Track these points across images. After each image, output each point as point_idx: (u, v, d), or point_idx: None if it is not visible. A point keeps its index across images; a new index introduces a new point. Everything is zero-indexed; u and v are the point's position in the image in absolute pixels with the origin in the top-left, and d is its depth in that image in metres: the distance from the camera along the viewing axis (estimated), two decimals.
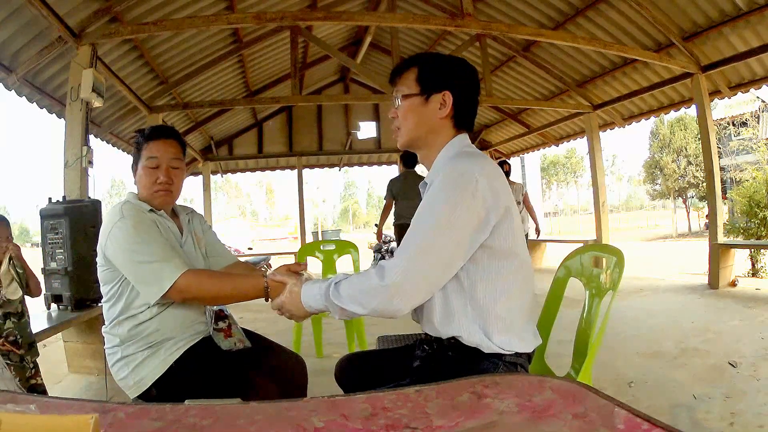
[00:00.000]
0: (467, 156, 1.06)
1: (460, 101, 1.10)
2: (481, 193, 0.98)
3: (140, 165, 1.37)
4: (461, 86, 1.11)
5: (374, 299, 0.97)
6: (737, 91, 5.23)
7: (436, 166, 1.12)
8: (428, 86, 1.10)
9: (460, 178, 0.99)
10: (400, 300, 0.97)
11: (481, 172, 1.00)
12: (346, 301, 1.00)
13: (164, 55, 5.14)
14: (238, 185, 53.33)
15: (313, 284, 1.09)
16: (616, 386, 2.37)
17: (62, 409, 0.69)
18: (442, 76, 1.10)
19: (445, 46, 7.11)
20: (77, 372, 2.98)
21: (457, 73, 1.12)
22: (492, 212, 0.99)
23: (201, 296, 1.26)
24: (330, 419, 0.60)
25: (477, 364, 1.03)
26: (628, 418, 0.55)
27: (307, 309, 1.09)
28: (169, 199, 1.41)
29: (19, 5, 3.13)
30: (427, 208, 1.01)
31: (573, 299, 1.71)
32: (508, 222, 1.01)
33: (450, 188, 0.99)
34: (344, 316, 1.03)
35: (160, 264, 1.20)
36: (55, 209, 2.81)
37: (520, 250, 1.06)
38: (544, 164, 36.70)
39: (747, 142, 15.86)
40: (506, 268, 1.03)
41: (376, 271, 0.99)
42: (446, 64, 1.13)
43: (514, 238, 1.03)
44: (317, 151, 9.90)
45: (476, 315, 1.03)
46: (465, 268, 1.02)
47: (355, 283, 1.01)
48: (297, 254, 3.69)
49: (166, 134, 1.41)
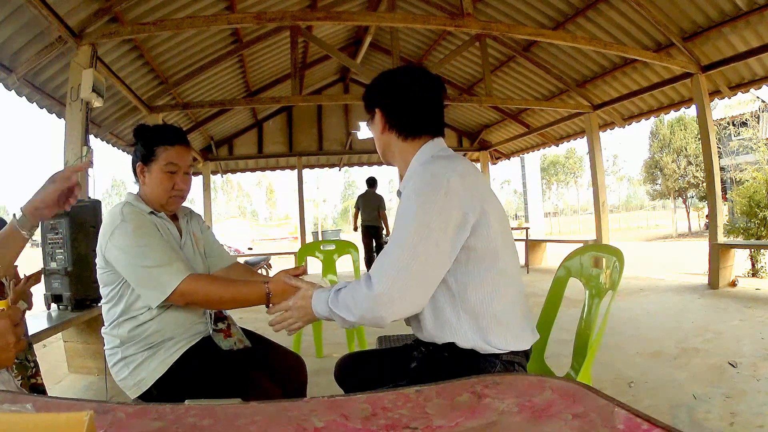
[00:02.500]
0: (439, 159, 1.06)
1: (391, 114, 1.13)
2: (455, 192, 0.97)
3: (155, 167, 1.34)
4: (388, 100, 1.13)
5: (361, 307, 0.97)
6: (737, 91, 5.23)
7: (408, 173, 1.12)
8: (369, 108, 1.18)
9: (432, 180, 0.99)
10: (386, 309, 0.95)
11: (453, 171, 0.99)
12: (341, 308, 1.00)
13: (164, 55, 5.15)
14: (240, 185, 53.39)
15: (323, 291, 1.09)
16: (616, 386, 2.37)
17: (60, 409, 0.69)
18: (371, 96, 1.17)
19: (445, 46, 7.12)
20: (77, 372, 2.98)
21: (384, 88, 1.15)
22: (470, 211, 0.98)
23: (202, 301, 1.26)
24: (330, 419, 0.60)
25: (474, 364, 1.03)
26: (628, 418, 0.55)
27: (316, 315, 1.09)
28: (181, 203, 1.42)
29: (19, 5, 3.13)
30: (403, 215, 1.00)
31: (573, 299, 1.71)
32: (489, 220, 1.00)
33: (422, 191, 0.98)
34: (346, 325, 1.03)
35: (162, 269, 1.20)
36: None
37: (506, 247, 1.05)
38: (544, 164, 36.69)
39: (747, 142, 15.85)
40: (493, 267, 1.02)
41: (364, 280, 0.99)
42: (376, 83, 1.17)
43: (497, 235, 1.01)
44: (317, 151, 9.91)
45: (469, 319, 1.02)
46: (452, 272, 1.01)
47: (349, 292, 1.00)
48: (297, 254, 3.69)
49: (184, 140, 1.39)
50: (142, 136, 1.37)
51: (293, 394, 1.35)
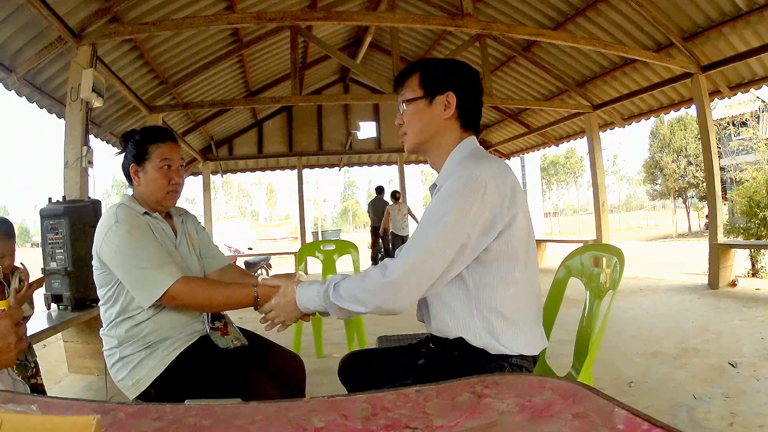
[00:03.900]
0: (477, 159, 1.06)
1: (464, 101, 1.11)
2: (490, 197, 0.98)
3: (149, 165, 1.37)
4: (464, 87, 1.11)
5: (377, 296, 0.98)
6: (737, 91, 5.23)
7: (445, 169, 1.12)
8: (431, 89, 1.10)
9: (469, 181, 0.99)
10: (403, 296, 0.98)
11: (491, 175, 0.99)
12: (346, 301, 1.01)
13: (164, 55, 5.14)
14: (240, 185, 53.40)
15: (310, 285, 1.10)
16: (616, 386, 2.37)
17: (63, 409, 0.69)
18: (444, 78, 1.11)
19: (445, 46, 7.12)
20: (77, 372, 2.98)
21: (459, 75, 1.12)
22: (498, 216, 0.99)
23: (192, 304, 1.28)
24: (330, 419, 0.60)
25: (482, 365, 1.03)
26: (628, 418, 0.55)
27: (302, 310, 1.10)
28: (177, 198, 1.44)
29: (19, 5, 3.13)
30: (436, 210, 1.01)
31: (573, 299, 1.71)
32: (515, 226, 1.01)
33: (459, 191, 0.99)
34: (343, 316, 1.04)
35: (154, 271, 1.21)
36: (55, 209, 2.81)
37: (528, 253, 1.05)
38: (544, 164, 36.67)
39: (747, 142, 15.85)
40: (512, 270, 1.02)
41: (378, 268, 1.00)
42: (448, 66, 1.13)
43: (520, 241, 1.03)
44: (317, 151, 9.91)
45: (482, 316, 1.03)
46: (470, 269, 1.02)
47: (357, 282, 1.01)
48: (297, 254, 3.69)
49: (173, 137, 1.43)
50: (132, 139, 1.40)
51: (292, 394, 1.36)
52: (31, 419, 0.45)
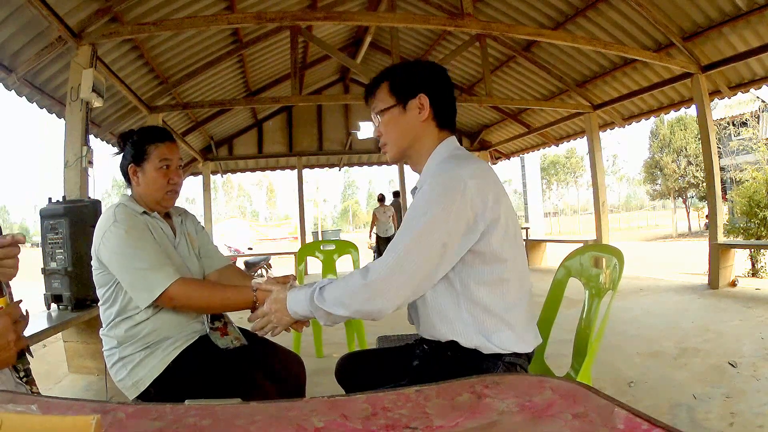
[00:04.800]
0: (457, 159, 1.06)
1: (437, 100, 1.11)
2: (470, 196, 0.96)
3: (148, 165, 1.36)
4: (434, 86, 1.11)
5: (357, 299, 0.96)
6: (737, 91, 5.23)
7: (426, 170, 1.11)
8: (402, 94, 1.10)
9: (449, 181, 0.98)
10: (382, 299, 0.95)
11: (471, 175, 0.99)
12: (330, 304, 0.99)
13: (164, 55, 5.15)
14: (240, 185, 53.40)
15: (299, 290, 1.07)
16: (616, 386, 2.37)
17: (63, 409, 0.69)
18: (413, 81, 1.11)
19: (445, 46, 7.12)
20: (77, 372, 2.98)
21: (428, 75, 1.12)
22: (480, 216, 0.98)
23: (190, 305, 1.28)
24: (330, 419, 0.60)
25: (476, 364, 1.03)
26: (628, 418, 0.55)
27: (293, 316, 1.07)
28: (176, 198, 1.44)
29: (19, 5, 3.13)
30: (416, 210, 0.99)
31: (573, 299, 1.71)
32: (499, 226, 1.00)
33: (439, 191, 0.98)
34: (329, 322, 1.01)
35: (152, 272, 1.21)
36: (55, 209, 2.81)
37: (515, 251, 1.04)
38: (544, 164, 36.65)
39: (747, 142, 15.84)
40: (500, 269, 1.02)
41: (360, 271, 0.99)
42: (415, 69, 1.14)
43: (505, 240, 1.01)
44: (317, 151, 9.91)
45: (472, 317, 1.02)
46: (457, 271, 1.01)
47: (340, 285, 0.99)
48: (297, 254, 3.69)
49: (171, 137, 1.43)
50: (130, 140, 1.39)
51: (292, 394, 1.36)
52: (31, 419, 0.45)
